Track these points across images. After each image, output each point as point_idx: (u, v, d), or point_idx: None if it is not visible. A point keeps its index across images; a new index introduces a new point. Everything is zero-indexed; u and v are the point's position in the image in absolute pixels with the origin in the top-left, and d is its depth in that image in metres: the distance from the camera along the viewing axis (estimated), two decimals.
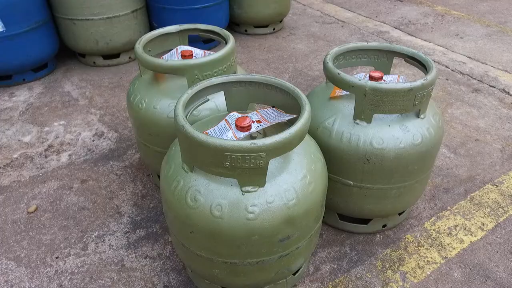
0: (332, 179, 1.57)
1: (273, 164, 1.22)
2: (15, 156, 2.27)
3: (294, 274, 1.49)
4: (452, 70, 3.13)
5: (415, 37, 3.77)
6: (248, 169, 1.11)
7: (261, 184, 1.16)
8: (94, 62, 3.26)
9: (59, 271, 1.63)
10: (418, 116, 1.47)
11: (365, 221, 1.72)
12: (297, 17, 4.32)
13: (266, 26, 3.85)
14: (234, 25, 3.90)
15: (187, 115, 1.32)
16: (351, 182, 1.53)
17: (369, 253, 1.67)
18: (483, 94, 2.80)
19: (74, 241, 1.75)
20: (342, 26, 4.06)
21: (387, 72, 1.73)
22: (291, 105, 1.33)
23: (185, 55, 1.72)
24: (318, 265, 1.62)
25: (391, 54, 1.68)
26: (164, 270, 1.61)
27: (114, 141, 2.38)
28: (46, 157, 2.26)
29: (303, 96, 1.27)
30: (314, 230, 1.34)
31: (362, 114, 1.44)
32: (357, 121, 1.46)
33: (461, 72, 3.09)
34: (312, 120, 1.58)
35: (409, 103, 1.40)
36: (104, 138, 2.40)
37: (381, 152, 1.42)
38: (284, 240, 1.23)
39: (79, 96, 2.86)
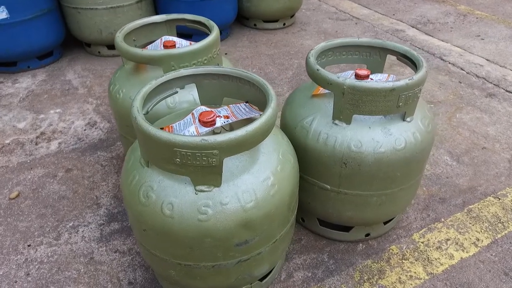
0: (309, 182, 1.48)
1: (234, 163, 1.14)
2: (7, 141, 2.29)
3: (261, 280, 1.41)
4: (467, 73, 2.94)
5: (432, 36, 3.57)
6: (200, 167, 1.03)
7: (217, 184, 1.09)
8: (99, 52, 3.26)
9: (29, 259, 1.61)
10: (403, 119, 1.35)
11: (347, 228, 1.61)
12: (310, 12, 4.19)
13: (276, 21, 3.75)
14: (243, 19, 3.82)
15: (151, 107, 1.26)
16: (328, 187, 1.43)
17: (348, 263, 1.56)
18: (497, 99, 2.61)
19: (49, 230, 1.73)
20: (356, 23, 3.91)
21: (379, 70, 1.62)
22: (264, 101, 1.25)
23: (167, 46, 1.67)
24: (292, 272, 1.53)
25: (383, 51, 1.56)
26: (131, 266, 1.57)
27: (105, 131, 2.35)
28: (36, 144, 2.26)
29: (270, 92, 1.18)
30: (279, 236, 1.26)
31: (341, 114, 1.33)
32: (336, 121, 1.35)
33: (476, 75, 2.90)
34: (291, 118, 1.49)
35: (391, 104, 1.28)
36: (95, 128, 2.38)
37: (359, 155, 1.32)
38: (241, 244, 1.15)
39: (79, 85, 2.86)
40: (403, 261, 1.57)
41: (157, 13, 3.36)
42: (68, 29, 3.21)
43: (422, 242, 1.64)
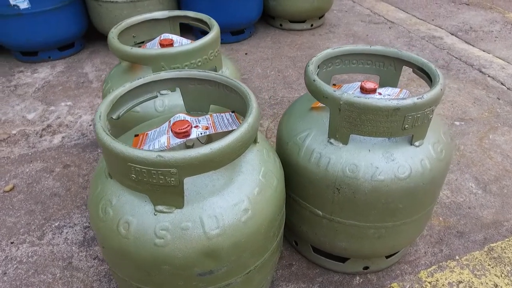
0: (301, 205, 1.32)
1: (203, 181, 1.01)
2: (14, 132, 2.29)
3: None
4: (507, 88, 2.63)
5: (473, 46, 3.26)
6: (158, 186, 0.91)
7: (178, 205, 0.96)
8: None
9: (9, 257, 1.57)
10: (411, 143, 1.17)
11: (343, 258, 1.44)
12: (342, 14, 3.97)
13: (303, 21, 3.57)
14: (269, 18, 3.67)
15: (123, 112, 1.16)
16: (320, 213, 1.27)
17: None
18: None
19: (34, 228, 1.69)
20: (390, 28, 3.65)
21: (394, 84, 1.43)
22: None
23: (163, 44, 1.56)
24: None
25: (398, 62, 1.37)
26: (107, 276, 1.48)
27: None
28: (41, 136, 2.25)
29: (252, 104, 1.04)
30: (254, 266, 1.11)
31: (337, 132, 1.16)
32: (331, 140, 1.19)
33: None
34: (286, 132, 1.34)
35: (396, 126, 1.10)
36: None
37: (354, 182, 1.14)
38: (205, 274, 1.02)
39: (94, 79, 2.84)
40: None
41: (180, 10, 3.28)
42: (91, 21, 3.20)
43: (429, 282, 1.44)
